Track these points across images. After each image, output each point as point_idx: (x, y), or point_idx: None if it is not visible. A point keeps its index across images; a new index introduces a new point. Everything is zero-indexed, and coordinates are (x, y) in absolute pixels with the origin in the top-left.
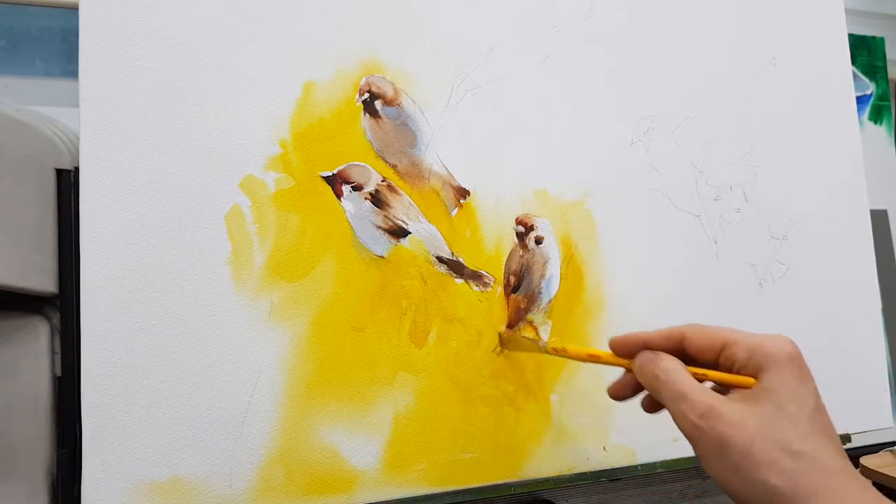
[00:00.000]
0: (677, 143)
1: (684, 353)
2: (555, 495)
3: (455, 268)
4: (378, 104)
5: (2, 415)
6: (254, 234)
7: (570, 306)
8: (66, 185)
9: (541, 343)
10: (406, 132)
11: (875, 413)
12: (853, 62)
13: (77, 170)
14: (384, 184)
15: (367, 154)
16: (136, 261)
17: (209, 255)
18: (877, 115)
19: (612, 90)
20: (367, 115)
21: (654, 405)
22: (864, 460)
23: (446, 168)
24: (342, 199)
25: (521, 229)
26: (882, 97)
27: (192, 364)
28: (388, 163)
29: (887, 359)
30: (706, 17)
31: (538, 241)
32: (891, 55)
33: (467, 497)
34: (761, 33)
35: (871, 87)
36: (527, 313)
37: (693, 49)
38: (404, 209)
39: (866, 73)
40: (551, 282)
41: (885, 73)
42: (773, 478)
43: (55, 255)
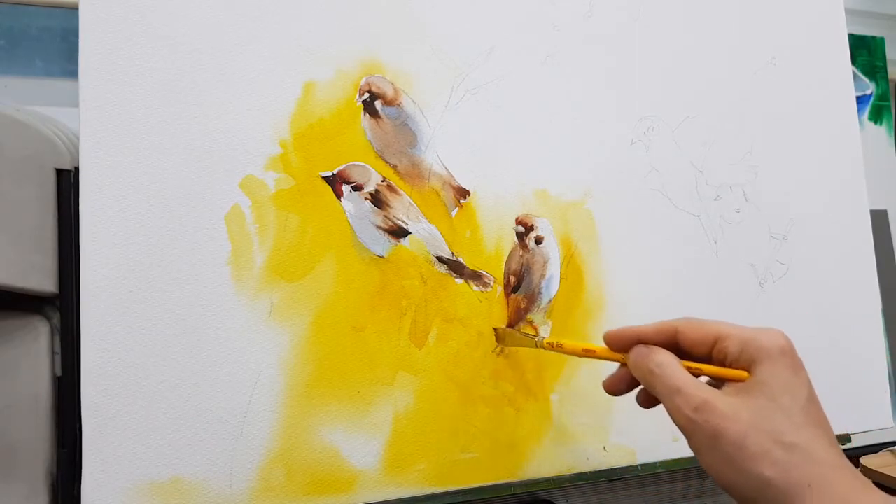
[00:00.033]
0: (677, 143)
1: (678, 347)
2: (555, 495)
3: (455, 268)
4: (378, 104)
5: (2, 415)
6: (254, 234)
7: (570, 306)
8: (66, 185)
9: (536, 338)
10: (406, 132)
11: (875, 413)
12: (853, 62)
13: (77, 170)
14: (384, 184)
15: (367, 154)
16: (136, 261)
17: (209, 255)
18: (877, 115)
19: (612, 90)
20: (367, 115)
21: (649, 399)
22: (864, 460)
23: (446, 168)
24: (342, 199)
25: (521, 229)
26: (882, 97)
27: (192, 364)
28: (388, 163)
29: (887, 359)
30: (706, 17)
31: (538, 241)
32: (891, 55)
33: (467, 497)
34: (761, 33)
35: (871, 87)
36: (527, 313)
37: (693, 49)
38: (404, 209)
39: (866, 73)
40: (551, 282)
41: (885, 73)
42: (766, 469)
43: (55, 255)
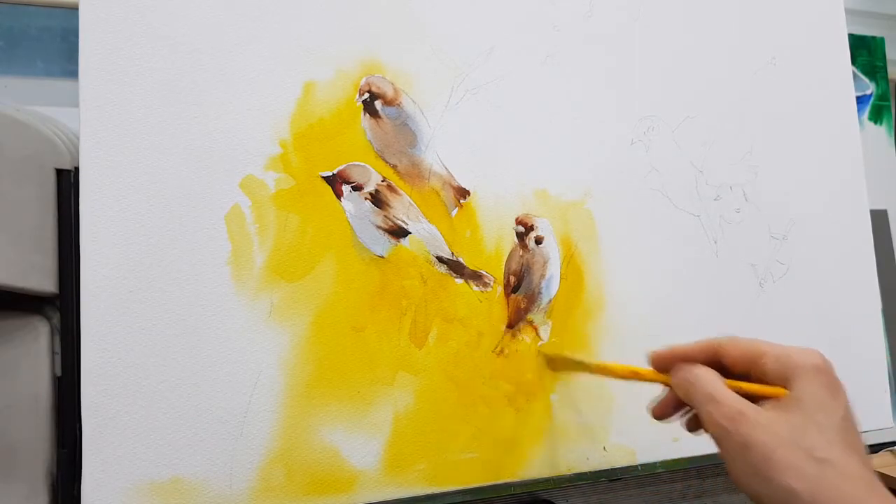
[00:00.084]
0: (677, 143)
1: (720, 365)
2: (555, 495)
3: (455, 268)
4: (378, 104)
5: (2, 415)
6: (254, 234)
7: (570, 306)
8: (66, 185)
9: (587, 361)
10: (406, 132)
11: (875, 413)
12: (853, 62)
13: (77, 170)
14: (384, 184)
15: (367, 154)
16: (136, 261)
17: (209, 255)
18: (877, 115)
19: (612, 90)
20: (367, 115)
21: (695, 423)
22: None
23: (446, 168)
24: (342, 199)
25: (521, 229)
26: (882, 97)
27: (192, 364)
28: (388, 163)
29: (887, 359)
30: (706, 17)
31: (538, 241)
32: (891, 55)
33: (467, 497)
34: (761, 33)
35: (871, 87)
36: (527, 313)
37: (693, 49)
38: (404, 209)
39: (866, 73)
40: (551, 282)
41: (885, 73)
42: (795, 482)
43: (55, 255)
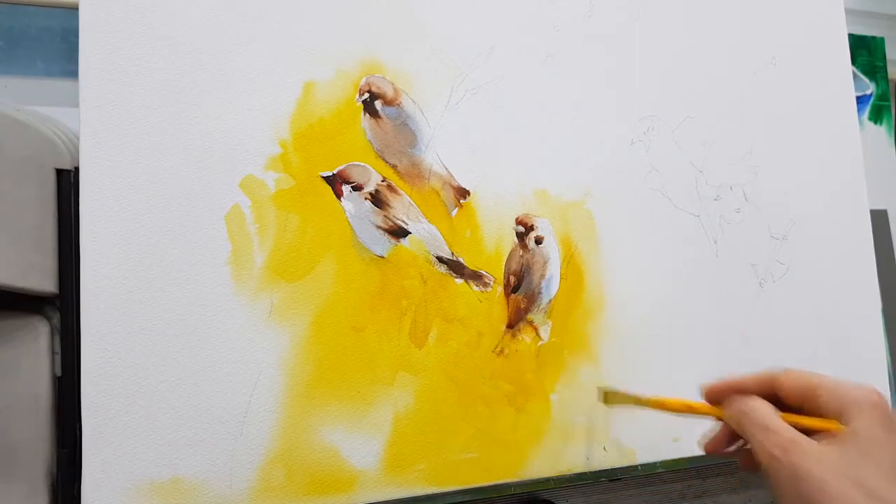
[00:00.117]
0: (677, 143)
1: (776, 398)
2: (555, 495)
3: (455, 268)
4: (378, 104)
5: (2, 415)
6: (254, 234)
7: (570, 306)
8: (66, 185)
9: (643, 398)
10: (406, 132)
11: None
12: (853, 62)
13: (77, 170)
14: (384, 184)
15: (367, 154)
16: (136, 261)
17: (209, 255)
18: (877, 115)
19: (612, 90)
20: (367, 115)
21: (748, 459)
22: None
23: (446, 168)
24: (342, 199)
25: (521, 229)
26: (882, 97)
27: (192, 364)
28: (388, 163)
29: (887, 359)
30: (706, 17)
31: (538, 241)
32: (891, 55)
33: (467, 497)
34: (761, 33)
35: (871, 87)
36: (527, 313)
37: (693, 49)
38: (404, 209)
39: (866, 73)
40: (551, 282)
41: (885, 73)
42: None
43: (55, 255)
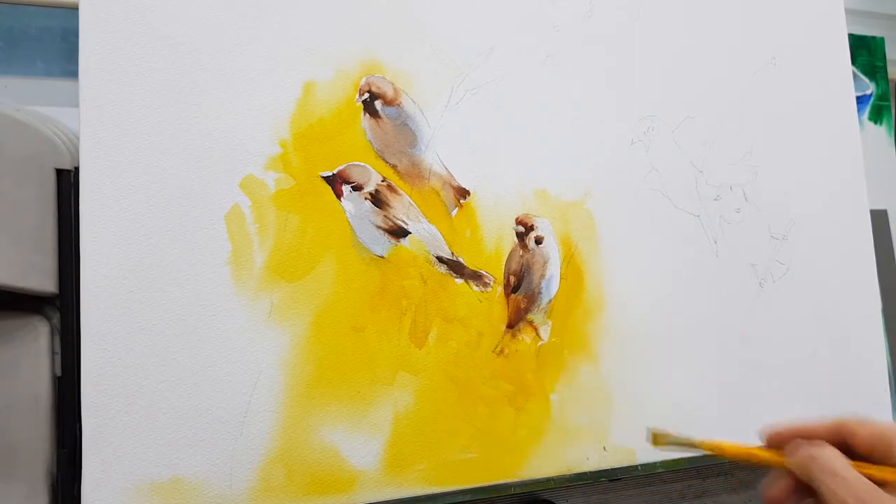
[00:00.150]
0: (677, 143)
1: (846, 446)
2: (555, 495)
3: (455, 268)
4: (378, 104)
5: (2, 415)
6: (254, 234)
7: (570, 306)
8: (66, 185)
9: (696, 442)
10: (406, 132)
11: (875, 413)
12: (853, 62)
13: (77, 170)
14: (384, 184)
15: (367, 154)
16: (136, 261)
17: (209, 255)
18: (877, 115)
19: (612, 90)
20: (367, 115)
21: None
22: None
23: (446, 168)
24: (342, 199)
25: (521, 229)
26: (882, 97)
27: (192, 364)
28: (388, 163)
29: (887, 359)
30: (706, 17)
31: (538, 241)
32: (891, 55)
33: (467, 497)
34: (761, 33)
35: (871, 87)
36: (527, 313)
37: (693, 49)
38: (404, 209)
39: (866, 73)
40: (551, 282)
41: (885, 73)
42: None
43: (55, 255)
